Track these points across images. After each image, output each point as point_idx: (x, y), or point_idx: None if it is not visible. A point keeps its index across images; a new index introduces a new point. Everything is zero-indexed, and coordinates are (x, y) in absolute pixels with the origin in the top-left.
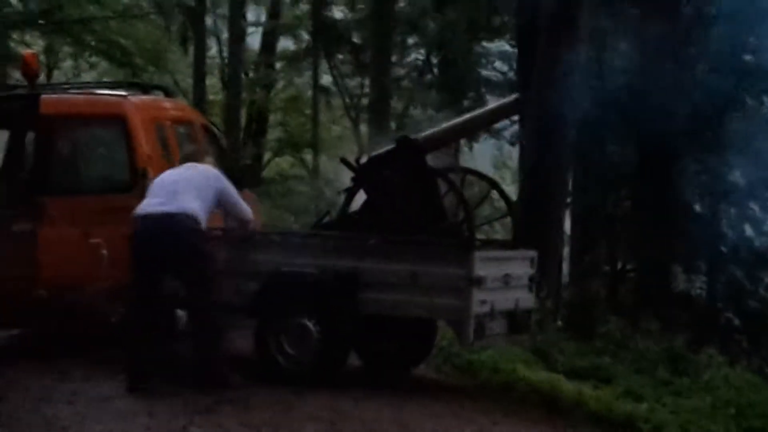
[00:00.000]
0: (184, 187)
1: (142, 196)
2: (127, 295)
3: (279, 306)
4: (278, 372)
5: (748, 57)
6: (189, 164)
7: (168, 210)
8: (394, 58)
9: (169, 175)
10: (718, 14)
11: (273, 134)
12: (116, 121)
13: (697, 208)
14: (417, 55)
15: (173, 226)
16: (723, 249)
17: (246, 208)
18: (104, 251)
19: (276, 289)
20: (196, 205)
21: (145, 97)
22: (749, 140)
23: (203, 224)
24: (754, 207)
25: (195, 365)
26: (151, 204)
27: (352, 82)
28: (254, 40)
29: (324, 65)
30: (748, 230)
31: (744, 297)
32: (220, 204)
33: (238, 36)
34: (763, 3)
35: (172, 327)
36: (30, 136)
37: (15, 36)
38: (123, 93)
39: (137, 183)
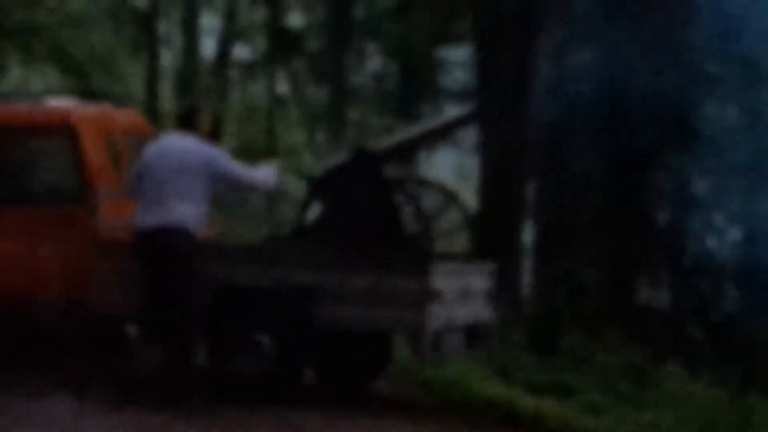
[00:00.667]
0: (173, 189)
1: (91, 207)
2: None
3: (233, 320)
4: (233, 388)
5: (712, 67)
6: (175, 141)
7: (159, 223)
8: (351, 66)
9: (157, 167)
10: (682, 22)
11: (228, 143)
12: (65, 132)
13: (661, 219)
14: (375, 63)
15: (165, 242)
16: (686, 261)
17: (250, 173)
18: (53, 265)
19: (229, 303)
20: (185, 210)
21: (94, 108)
22: (713, 151)
23: (193, 227)
24: (718, 218)
25: (162, 379)
26: (146, 217)
27: (309, 91)
28: (209, 47)
29: (280, 73)
30: (712, 242)
31: (708, 309)
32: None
33: (191, 44)
34: (727, 13)
35: (123, 342)
36: None
37: None
38: (72, 103)
39: (86, 195)
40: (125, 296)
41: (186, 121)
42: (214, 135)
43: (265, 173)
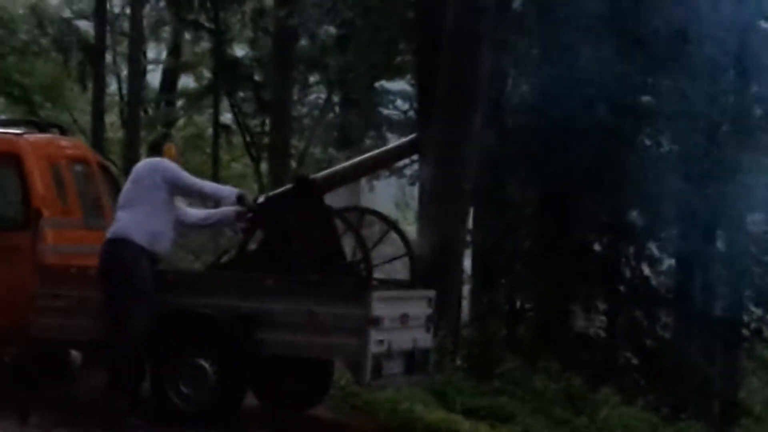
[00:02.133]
0: (122, 201)
1: (36, 235)
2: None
3: (175, 346)
4: (174, 413)
5: (646, 98)
6: (140, 162)
7: (108, 236)
8: (295, 97)
9: (127, 180)
10: (616, 55)
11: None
12: (10, 159)
13: (596, 247)
14: (318, 94)
15: (103, 254)
16: (621, 288)
17: (209, 184)
18: None
19: (172, 328)
20: (129, 219)
21: (41, 136)
22: (647, 181)
23: (142, 238)
24: (652, 247)
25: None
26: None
27: (254, 120)
28: (155, 77)
29: (225, 103)
30: (646, 270)
31: (642, 336)
32: (177, 192)
33: (138, 73)
34: (661, 45)
35: (65, 367)
36: None
37: None
38: (18, 131)
39: (31, 222)
40: (68, 322)
41: (153, 150)
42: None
43: (226, 189)
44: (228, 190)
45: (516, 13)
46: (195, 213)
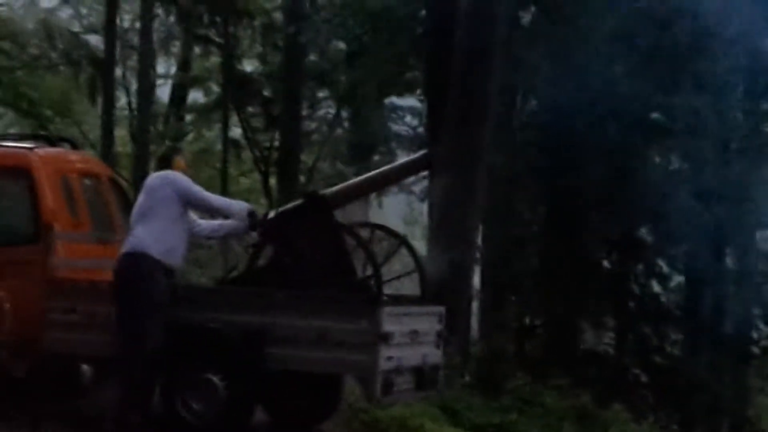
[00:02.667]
0: (136, 215)
1: (47, 248)
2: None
3: (185, 361)
4: (184, 427)
5: (655, 115)
6: (152, 175)
7: (123, 250)
8: (304, 112)
9: (140, 194)
10: (626, 72)
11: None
12: (21, 173)
13: (605, 264)
14: (327, 109)
15: (120, 268)
16: (631, 305)
17: (220, 199)
18: (7, 305)
19: (182, 343)
20: (144, 233)
21: (51, 150)
22: (657, 198)
23: (157, 252)
24: (661, 263)
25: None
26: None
27: (262, 136)
28: (164, 92)
29: (234, 118)
30: (655, 287)
31: (651, 353)
32: (189, 205)
33: (147, 88)
34: (671, 62)
35: (75, 381)
36: None
37: None
38: (29, 145)
39: (42, 236)
40: (79, 336)
41: (163, 163)
42: None
43: (237, 203)
44: (238, 206)
45: (526, 29)
46: (206, 224)
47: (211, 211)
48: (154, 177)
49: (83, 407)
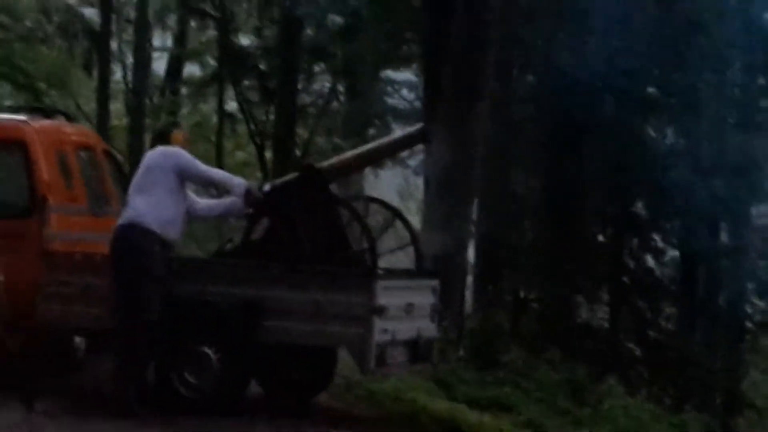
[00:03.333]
0: (134, 187)
1: (41, 221)
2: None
3: (179, 334)
4: (179, 400)
5: (651, 90)
6: (152, 150)
7: (121, 221)
8: (300, 86)
9: (140, 168)
10: (622, 47)
11: None
12: (16, 145)
13: (600, 239)
14: (323, 83)
15: (117, 238)
16: (625, 280)
17: (220, 173)
18: (1, 278)
19: (177, 316)
20: (142, 205)
21: (46, 122)
22: (652, 173)
23: (156, 224)
24: (656, 238)
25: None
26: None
27: (258, 109)
28: (160, 65)
29: (230, 91)
30: (650, 261)
31: (645, 328)
32: (189, 181)
33: (143, 61)
34: (667, 38)
35: (69, 354)
36: None
37: None
38: (24, 117)
39: (37, 208)
40: (74, 309)
41: (161, 138)
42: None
43: (235, 178)
44: (238, 181)
45: (523, 4)
46: (203, 202)
47: (211, 185)
48: (156, 152)
49: (77, 381)
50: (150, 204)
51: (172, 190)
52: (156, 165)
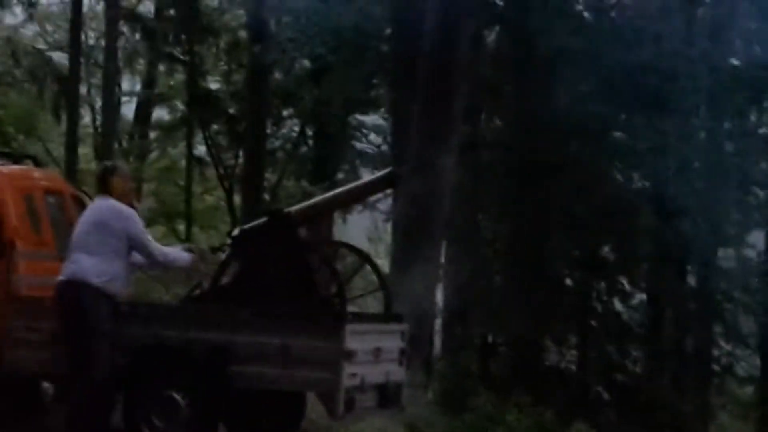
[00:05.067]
0: (79, 241)
1: (9, 266)
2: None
3: (147, 378)
4: None
5: (618, 134)
6: (98, 201)
7: (64, 277)
8: (268, 130)
9: (81, 221)
10: (589, 91)
11: (146, 204)
12: None
13: (568, 282)
14: (292, 127)
15: (61, 296)
16: (593, 323)
17: (165, 254)
18: None
19: (145, 361)
20: (87, 262)
21: (14, 167)
22: (619, 216)
23: (99, 281)
24: (623, 281)
25: None
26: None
27: (227, 153)
28: (129, 109)
29: (198, 135)
30: (618, 305)
31: (613, 371)
32: (135, 248)
33: (112, 105)
34: (634, 81)
35: (37, 400)
36: None
37: None
38: None
39: (4, 253)
40: (40, 354)
41: (100, 185)
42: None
43: (178, 254)
44: (183, 257)
45: (491, 48)
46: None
47: (154, 264)
48: (107, 209)
49: (44, 426)
50: (94, 261)
51: (117, 249)
52: (105, 224)
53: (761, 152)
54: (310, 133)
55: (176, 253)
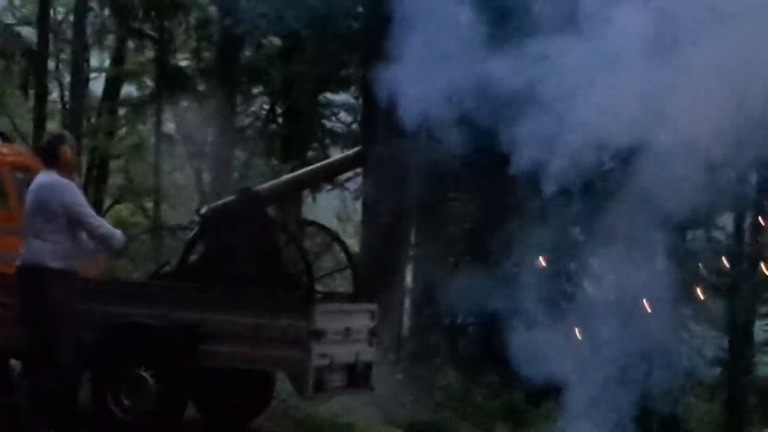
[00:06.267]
0: (31, 226)
1: None
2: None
3: (116, 357)
4: (115, 424)
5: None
6: (39, 178)
7: (21, 264)
8: (238, 107)
9: (26, 204)
10: None
11: (114, 181)
12: None
13: (540, 262)
14: (262, 105)
15: (23, 283)
16: (563, 304)
17: (101, 223)
18: None
19: (113, 339)
20: (38, 245)
21: None
22: (592, 196)
23: (56, 264)
24: (593, 262)
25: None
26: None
27: (196, 131)
28: (97, 85)
29: (168, 113)
30: (587, 285)
31: (582, 352)
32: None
33: (80, 81)
34: None
35: (6, 378)
36: None
37: None
38: None
39: None
40: (7, 330)
41: (47, 155)
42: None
43: (114, 230)
44: (118, 237)
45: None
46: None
47: (91, 236)
48: (44, 187)
49: (12, 403)
50: (46, 244)
51: (64, 227)
52: (45, 205)
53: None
54: (279, 111)
55: (112, 229)
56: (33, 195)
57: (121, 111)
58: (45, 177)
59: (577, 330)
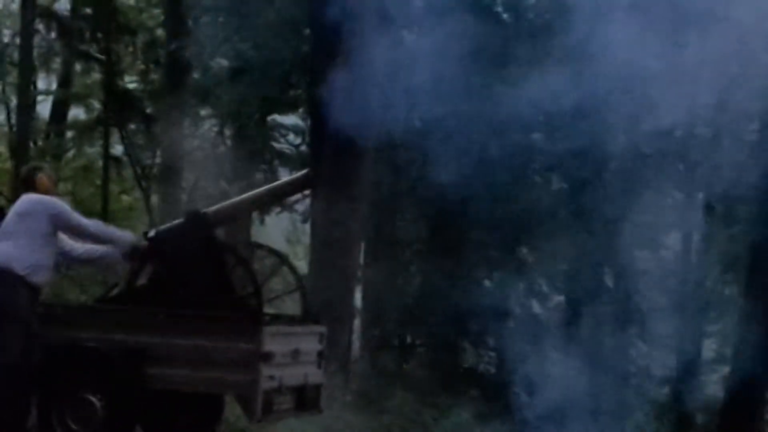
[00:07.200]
0: (8, 231)
1: None
2: None
3: (63, 380)
4: None
5: (536, 135)
6: (24, 197)
7: None
8: (186, 129)
9: (9, 213)
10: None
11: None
12: None
13: (486, 283)
14: (210, 127)
15: None
16: (511, 325)
17: (101, 226)
18: None
19: (60, 362)
20: (7, 248)
21: None
22: (537, 217)
23: (23, 270)
24: (541, 282)
25: None
26: None
27: (144, 153)
28: (45, 108)
29: (115, 135)
30: (535, 306)
31: (531, 372)
32: (64, 231)
33: (27, 104)
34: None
35: None
36: None
37: None
38: None
39: None
40: None
41: (26, 184)
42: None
43: (119, 232)
44: (125, 236)
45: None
46: (80, 247)
47: (89, 238)
48: (29, 199)
49: None
50: (16, 248)
51: (41, 236)
52: (27, 212)
53: (678, 154)
54: (228, 133)
55: (119, 233)
56: (18, 206)
57: (69, 134)
58: (31, 195)
59: (525, 349)
